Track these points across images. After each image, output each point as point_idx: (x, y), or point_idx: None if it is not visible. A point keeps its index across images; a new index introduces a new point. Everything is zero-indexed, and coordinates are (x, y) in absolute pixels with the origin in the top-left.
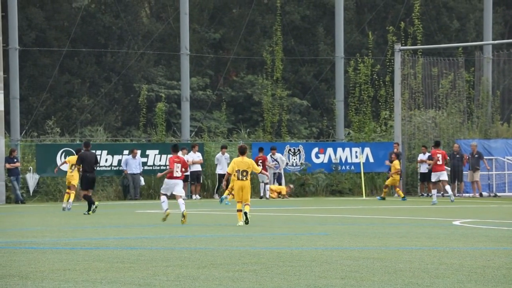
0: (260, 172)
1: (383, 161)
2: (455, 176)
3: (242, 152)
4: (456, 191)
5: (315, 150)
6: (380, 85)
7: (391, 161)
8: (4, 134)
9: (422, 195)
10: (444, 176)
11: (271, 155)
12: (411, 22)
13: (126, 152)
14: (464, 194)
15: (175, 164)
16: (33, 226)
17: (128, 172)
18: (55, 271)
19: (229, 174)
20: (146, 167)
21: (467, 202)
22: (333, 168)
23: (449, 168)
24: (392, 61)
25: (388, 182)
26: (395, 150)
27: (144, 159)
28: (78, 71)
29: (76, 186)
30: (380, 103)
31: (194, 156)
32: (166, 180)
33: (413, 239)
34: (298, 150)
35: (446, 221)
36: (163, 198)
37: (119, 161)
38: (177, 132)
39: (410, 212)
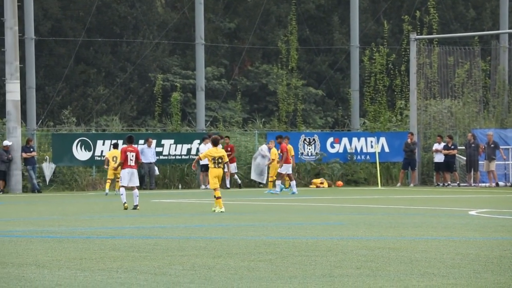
0: (226, 163)
1: (399, 150)
2: (471, 166)
3: (215, 143)
4: (472, 180)
5: (330, 139)
6: (395, 74)
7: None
8: (20, 124)
9: (438, 184)
10: (290, 169)
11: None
12: (427, 11)
13: (141, 141)
14: (480, 184)
15: (129, 153)
16: (49, 215)
17: (144, 161)
18: (71, 260)
19: (200, 159)
20: (161, 157)
21: (483, 192)
22: (349, 158)
23: (465, 158)
24: (408, 50)
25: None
26: (409, 140)
27: (160, 149)
28: (93, 61)
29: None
30: (395, 93)
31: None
32: (122, 171)
33: (429, 229)
34: (313, 140)
35: (462, 211)
36: (121, 190)
37: None
38: (192, 122)
39: (425, 202)
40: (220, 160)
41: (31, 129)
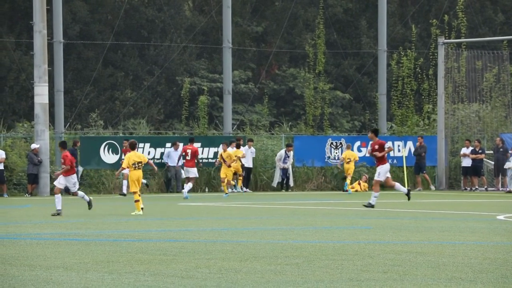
0: (148, 162)
1: (426, 155)
2: (499, 170)
3: (132, 147)
4: (500, 185)
5: (357, 143)
6: (423, 78)
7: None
8: (48, 127)
9: (465, 189)
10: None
11: (286, 151)
12: (455, 15)
13: (168, 145)
14: (508, 189)
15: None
16: (76, 218)
17: (170, 164)
18: (99, 263)
19: (123, 169)
20: None
21: (511, 196)
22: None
23: (493, 162)
24: (436, 54)
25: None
26: (418, 143)
27: None
28: (121, 64)
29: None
30: (423, 97)
31: (243, 150)
32: (66, 177)
33: (456, 234)
34: (340, 143)
35: (490, 215)
36: (81, 194)
37: (162, 154)
38: (219, 125)
39: (453, 206)
40: (140, 164)
41: (59, 132)
